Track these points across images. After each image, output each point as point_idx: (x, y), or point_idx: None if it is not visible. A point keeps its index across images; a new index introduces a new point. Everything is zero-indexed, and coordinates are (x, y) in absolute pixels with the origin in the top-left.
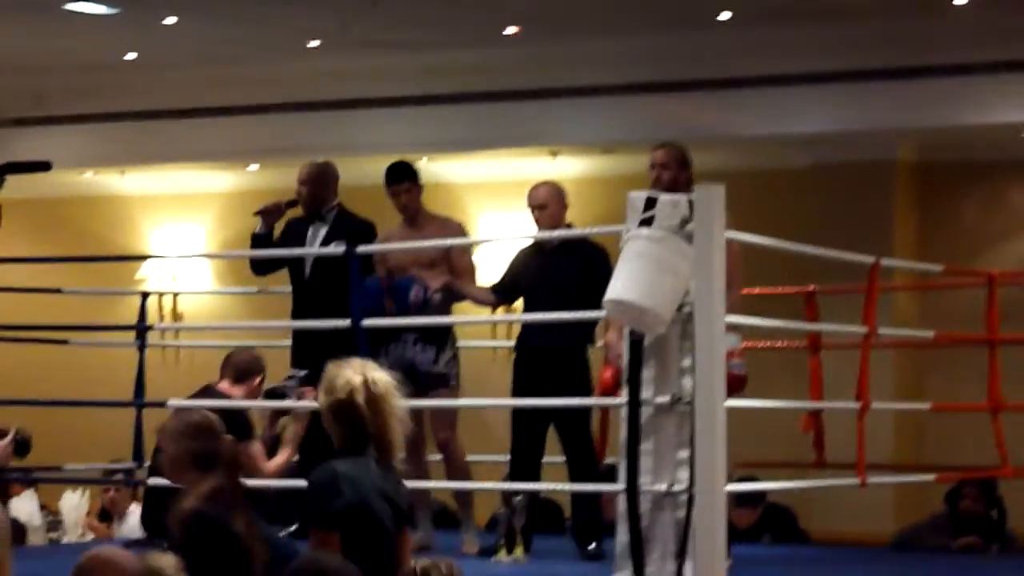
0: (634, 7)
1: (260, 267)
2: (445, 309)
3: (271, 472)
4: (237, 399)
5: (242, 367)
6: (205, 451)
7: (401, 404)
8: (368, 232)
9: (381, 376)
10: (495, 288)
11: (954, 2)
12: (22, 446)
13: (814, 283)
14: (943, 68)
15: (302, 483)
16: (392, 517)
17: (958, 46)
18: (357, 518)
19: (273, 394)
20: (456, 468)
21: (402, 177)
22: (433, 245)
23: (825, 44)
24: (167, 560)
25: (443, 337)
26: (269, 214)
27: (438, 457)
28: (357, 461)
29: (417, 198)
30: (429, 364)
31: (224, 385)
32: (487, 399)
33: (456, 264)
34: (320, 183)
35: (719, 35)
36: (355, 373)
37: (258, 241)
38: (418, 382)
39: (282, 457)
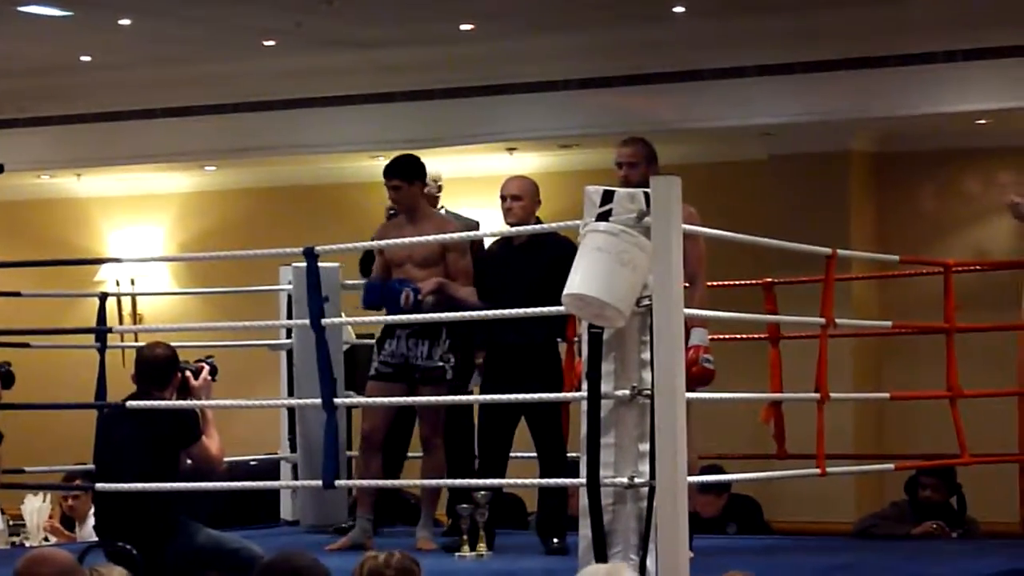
0: (588, 1)
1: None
2: (437, 311)
3: (220, 453)
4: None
5: (163, 368)
6: None
7: None
8: (468, 229)
9: None
10: (479, 293)
11: None
12: (7, 378)
13: (772, 273)
14: (898, 58)
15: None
16: None
17: (912, 36)
18: None
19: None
20: (432, 466)
21: (392, 174)
22: (406, 243)
23: (780, 35)
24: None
25: (436, 331)
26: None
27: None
28: None
29: (409, 196)
30: (423, 358)
31: (161, 394)
32: (459, 396)
33: (451, 265)
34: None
35: (674, 28)
36: None
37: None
38: (413, 378)
39: (216, 437)
